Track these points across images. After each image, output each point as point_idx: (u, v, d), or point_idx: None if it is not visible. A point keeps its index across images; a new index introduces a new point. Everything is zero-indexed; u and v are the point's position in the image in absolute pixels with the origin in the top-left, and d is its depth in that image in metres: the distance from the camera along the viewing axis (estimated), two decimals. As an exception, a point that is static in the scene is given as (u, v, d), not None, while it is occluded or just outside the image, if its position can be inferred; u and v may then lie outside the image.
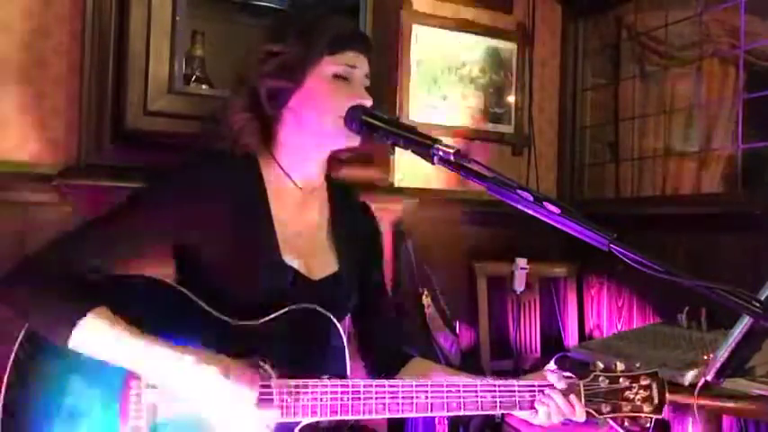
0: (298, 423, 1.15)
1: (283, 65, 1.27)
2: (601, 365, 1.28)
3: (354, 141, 1.30)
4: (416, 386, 1.20)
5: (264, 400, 1.12)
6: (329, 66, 1.26)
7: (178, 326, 1.16)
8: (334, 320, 1.23)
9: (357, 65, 1.29)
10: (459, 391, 1.21)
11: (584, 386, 1.26)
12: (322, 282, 1.31)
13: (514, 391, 1.23)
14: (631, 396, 1.26)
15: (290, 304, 1.22)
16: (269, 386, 1.14)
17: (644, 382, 1.27)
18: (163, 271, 1.27)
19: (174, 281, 1.25)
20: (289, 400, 1.14)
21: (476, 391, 1.22)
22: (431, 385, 1.21)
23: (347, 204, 1.45)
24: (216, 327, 1.19)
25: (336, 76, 1.27)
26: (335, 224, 1.39)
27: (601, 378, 1.27)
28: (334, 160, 1.40)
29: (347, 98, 1.26)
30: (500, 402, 1.23)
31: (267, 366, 1.15)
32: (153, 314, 1.16)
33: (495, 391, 1.22)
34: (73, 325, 1.08)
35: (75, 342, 1.08)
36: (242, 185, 1.28)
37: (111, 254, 1.19)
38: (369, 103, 1.27)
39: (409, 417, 1.24)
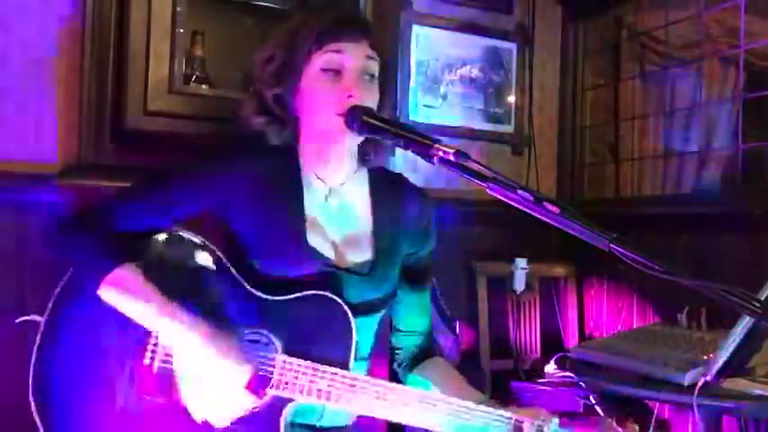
0: (287, 403, 1.18)
1: (277, 72, 1.27)
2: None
3: (356, 140, 1.28)
4: (417, 395, 1.21)
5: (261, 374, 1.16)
6: (316, 61, 1.23)
7: (205, 290, 1.22)
8: (348, 311, 1.22)
9: (345, 51, 1.22)
10: (450, 411, 1.21)
11: None
12: (350, 270, 1.30)
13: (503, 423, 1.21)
14: None
15: (314, 288, 1.23)
16: (271, 360, 1.18)
17: None
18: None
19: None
20: (287, 376, 1.17)
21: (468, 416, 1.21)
22: (422, 396, 1.21)
23: (390, 191, 1.41)
24: (238, 296, 1.23)
25: (324, 70, 1.23)
26: (375, 213, 1.37)
27: None
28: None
29: (336, 93, 1.22)
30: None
31: (268, 340, 1.20)
32: (182, 278, 1.23)
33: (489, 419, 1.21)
34: (106, 272, 1.15)
35: (104, 288, 1.15)
36: (278, 170, 1.31)
37: (161, 217, 1.26)
38: (359, 94, 1.21)
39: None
